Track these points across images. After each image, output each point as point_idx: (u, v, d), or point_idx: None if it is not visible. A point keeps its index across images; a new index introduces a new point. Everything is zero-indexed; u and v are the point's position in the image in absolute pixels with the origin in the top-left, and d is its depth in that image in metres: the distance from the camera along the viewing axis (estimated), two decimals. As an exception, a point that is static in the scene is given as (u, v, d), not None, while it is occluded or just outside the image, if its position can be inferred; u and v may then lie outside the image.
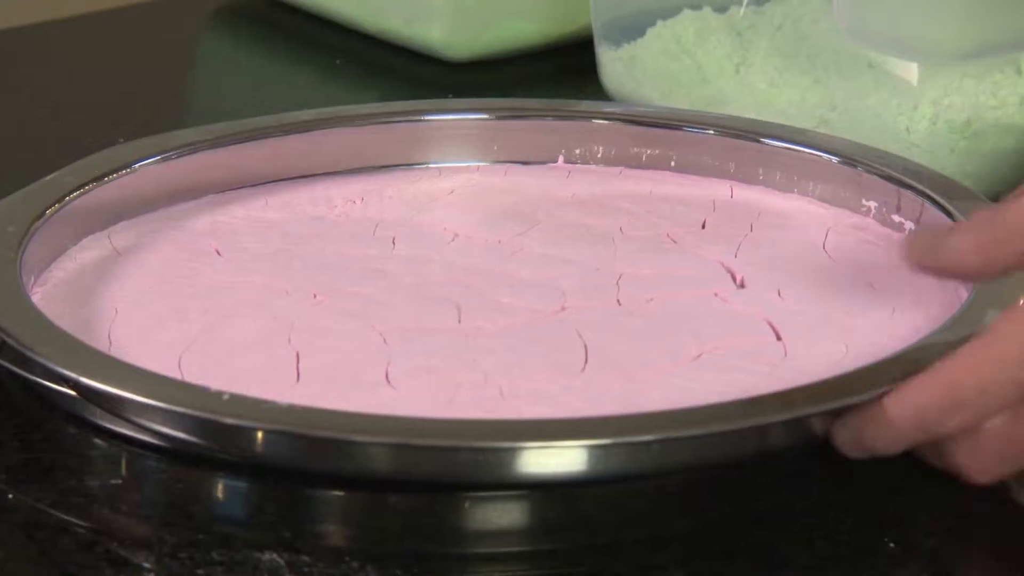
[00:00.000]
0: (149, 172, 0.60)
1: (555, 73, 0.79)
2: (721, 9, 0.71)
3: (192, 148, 0.61)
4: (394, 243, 0.58)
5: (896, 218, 0.59)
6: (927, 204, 0.57)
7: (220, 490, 0.48)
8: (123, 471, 0.48)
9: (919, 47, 0.65)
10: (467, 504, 0.46)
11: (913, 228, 0.58)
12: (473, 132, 0.64)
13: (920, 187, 0.58)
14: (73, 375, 0.45)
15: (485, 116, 0.65)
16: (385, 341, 0.50)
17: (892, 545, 0.46)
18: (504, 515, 0.47)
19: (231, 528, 0.46)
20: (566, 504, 0.47)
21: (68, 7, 0.90)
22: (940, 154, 0.64)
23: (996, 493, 0.47)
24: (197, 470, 0.48)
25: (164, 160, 0.61)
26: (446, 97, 0.71)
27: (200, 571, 0.44)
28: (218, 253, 0.58)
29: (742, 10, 0.71)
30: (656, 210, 0.61)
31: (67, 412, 0.50)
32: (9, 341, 0.48)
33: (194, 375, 0.48)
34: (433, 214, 0.61)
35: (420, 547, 0.45)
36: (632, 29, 0.72)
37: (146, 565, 0.44)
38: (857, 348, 0.50)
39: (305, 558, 0.44)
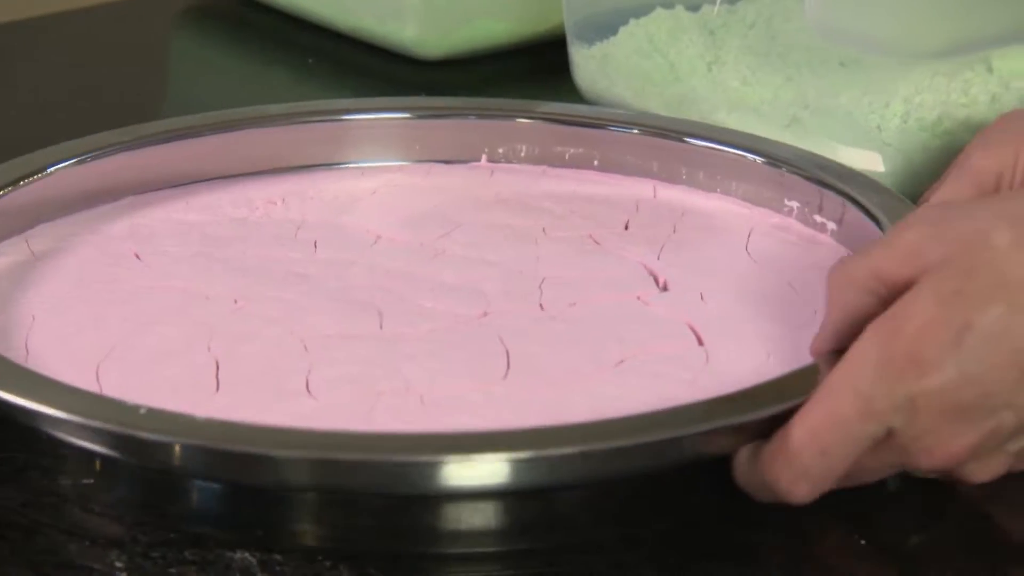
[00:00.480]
0: (66, 174, 0.60)
1: (527, 72, 0.80)
2: (693, 8, 0.72)
3: (111, 149, 0.61)
4: (316, 246, 0.58)
5: (818, 218, 0.59)
6: (848, 204, 0.58)
7: (192, 489, 0.48)
8: (95, 471, 0.49)
9: (890, 45, 0.65)
10: (440, 504, 0.46)
11: (835, 228, 0.59)
12: (395, 131, 0.65)
13: (842, 187, 0.59)
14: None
15: (407, 115, 0.65)
16: (306, 348, 0.50)
17: (863, 542, 0.47)
18: (478, 515, 0.47)
19: (203, 527, 0.46)
20: (540, 504, 0.47)
21: (38, 6, 0.90)
22: (912, 152, 0.64)
23: (967, 492, 0.48)
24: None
25: (81, 162, 0.60)
26: (419, 95, 0.71)
27: (172, 570, 0.44)
28: (137, 257, 0.57)
29: (715, 9, 0.72)
30: (579, 210, 0.61)
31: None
32: None
33: (112, 385, 0.48)
34: (355, 215, 0.61)
35: (393, 547, 0.46)
36: (605, 28, 0.73)
37: (118, 564, 0.44)
38: (779, 353, 0.50)
39: (277, 557, 0.44)
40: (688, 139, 0.63)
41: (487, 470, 0.43)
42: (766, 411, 0.44)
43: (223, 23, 0.88)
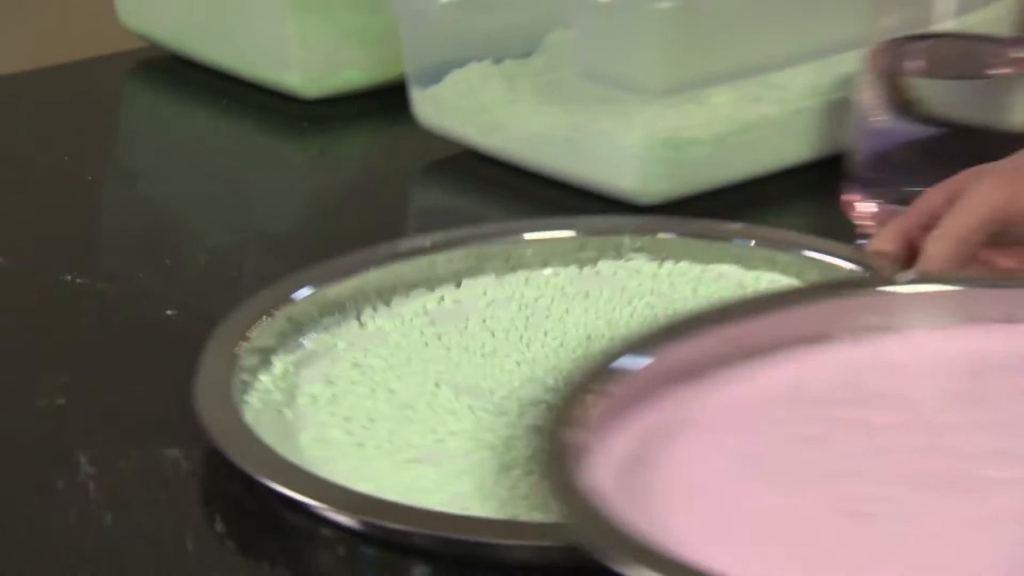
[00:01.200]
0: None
1: (382, 107, 1.00)
2: (497, 61, 0.92)
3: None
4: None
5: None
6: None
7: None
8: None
9: (633, 85, 0.84)
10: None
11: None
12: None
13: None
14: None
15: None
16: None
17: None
18: None
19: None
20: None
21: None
22: (652, 164, 0.85)
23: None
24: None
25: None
26: (302, 126, 1.00)
27: None
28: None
29: (511, 62, 0.92)
30: None
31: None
32: None
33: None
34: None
35: None
36: (434, 76, 0.93)
37: None
38: None
39: None
40: None
41: None
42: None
43: (162, 77, 1.10)
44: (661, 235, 0.76)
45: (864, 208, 0.80)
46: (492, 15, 0.93)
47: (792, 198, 0.89)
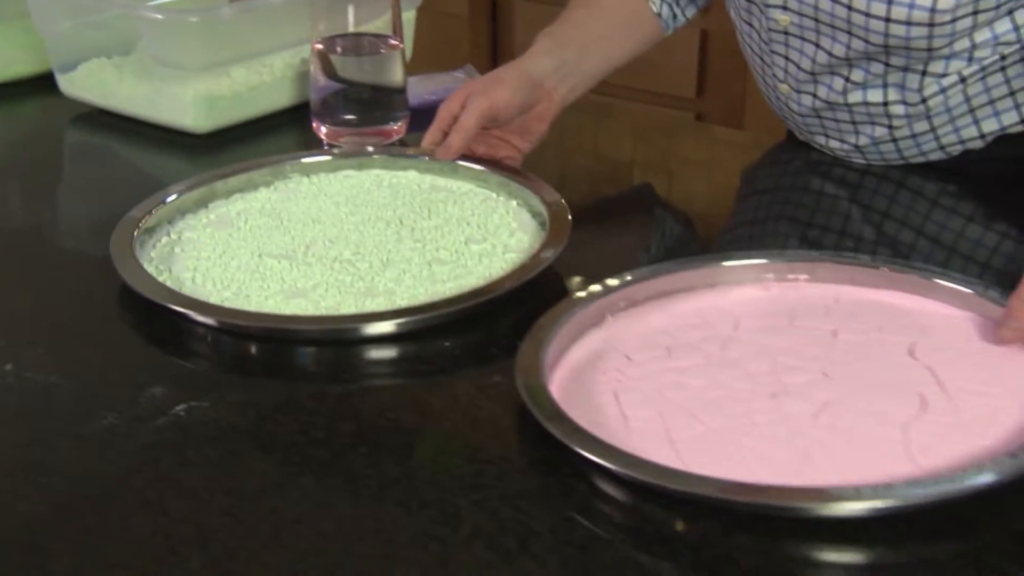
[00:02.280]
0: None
1: (42, 87, 1.57)
2: (109, 57, 1.50)
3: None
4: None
5: None
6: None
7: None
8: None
9: (184, 66, 1.45)
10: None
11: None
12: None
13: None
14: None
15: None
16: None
17: None
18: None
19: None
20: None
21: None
22: (200, 110, 1.48)
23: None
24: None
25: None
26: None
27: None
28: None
29: (118, 57, 1.47)
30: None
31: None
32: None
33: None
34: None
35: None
36: (71, 66, 1.53)
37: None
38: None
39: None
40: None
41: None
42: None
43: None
44: (377, 156, 1.27)
45: (322, 129, 1.42)
46: (105, 31, 1.49)
47: (287, 125, 1.51)
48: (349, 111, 1.38)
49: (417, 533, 0.81)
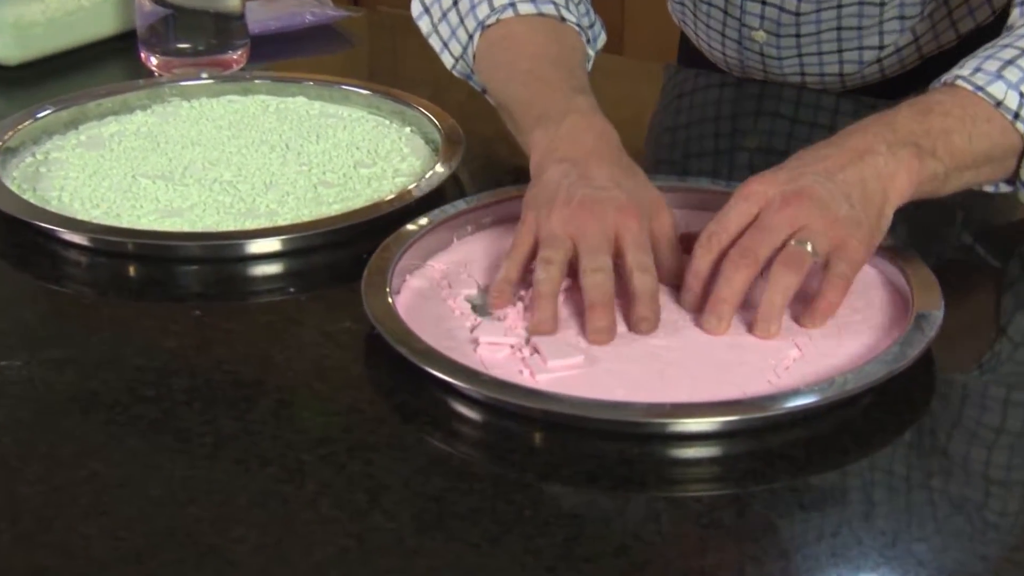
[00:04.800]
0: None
1: None
2: None
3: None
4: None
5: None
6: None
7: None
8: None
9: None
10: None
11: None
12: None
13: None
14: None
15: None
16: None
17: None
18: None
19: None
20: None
21: None
22: (11, 39, 1.41)
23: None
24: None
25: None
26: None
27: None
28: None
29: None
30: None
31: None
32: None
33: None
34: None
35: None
36: None
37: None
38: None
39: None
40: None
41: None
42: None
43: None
44: (262, 81, 1.28)
45: (151, 60, 1.37)
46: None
47: (112, 56, 1.45)
48: (181, 39, 1.34)
49: (256, 492, 0.78)
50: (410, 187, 1.09)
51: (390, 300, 0.91)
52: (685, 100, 1.38)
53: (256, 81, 1.30)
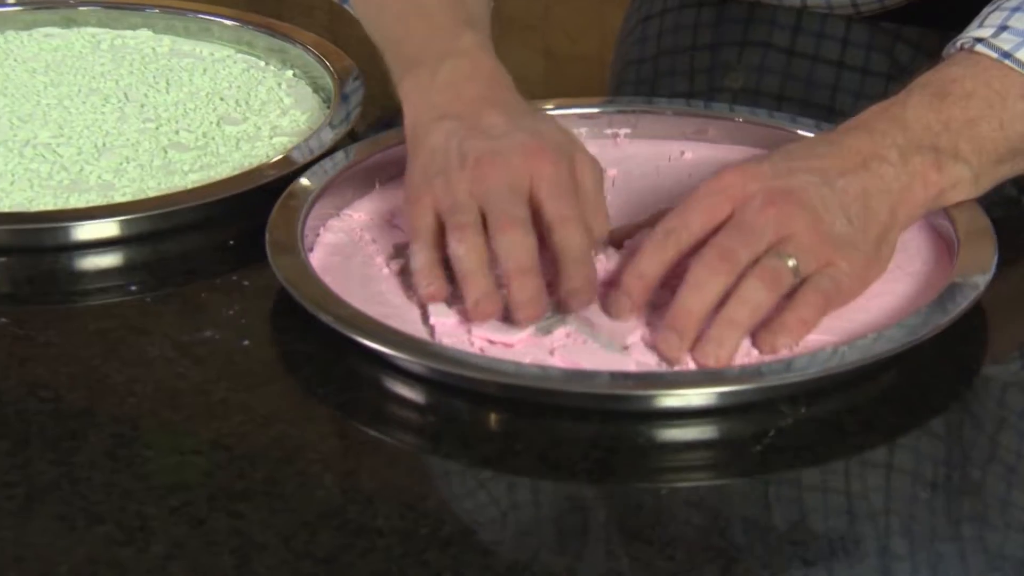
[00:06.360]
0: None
1: None
2: None
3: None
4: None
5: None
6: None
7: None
8: None
9: None
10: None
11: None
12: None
13: None
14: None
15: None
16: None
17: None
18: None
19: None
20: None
21: None
22: None
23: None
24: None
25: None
26: None
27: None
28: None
29: None
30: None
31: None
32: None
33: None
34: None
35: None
36: None
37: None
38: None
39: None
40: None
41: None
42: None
43: None
44: (92, 9, 1.15)
45: None
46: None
47: None
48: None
49: (83, 559, 0.67)
50: (292, 149, 0.97)
51: (303, 258, 0.83)
52: (652, 25, 1.23)
53: (82, 8, 1.18)
